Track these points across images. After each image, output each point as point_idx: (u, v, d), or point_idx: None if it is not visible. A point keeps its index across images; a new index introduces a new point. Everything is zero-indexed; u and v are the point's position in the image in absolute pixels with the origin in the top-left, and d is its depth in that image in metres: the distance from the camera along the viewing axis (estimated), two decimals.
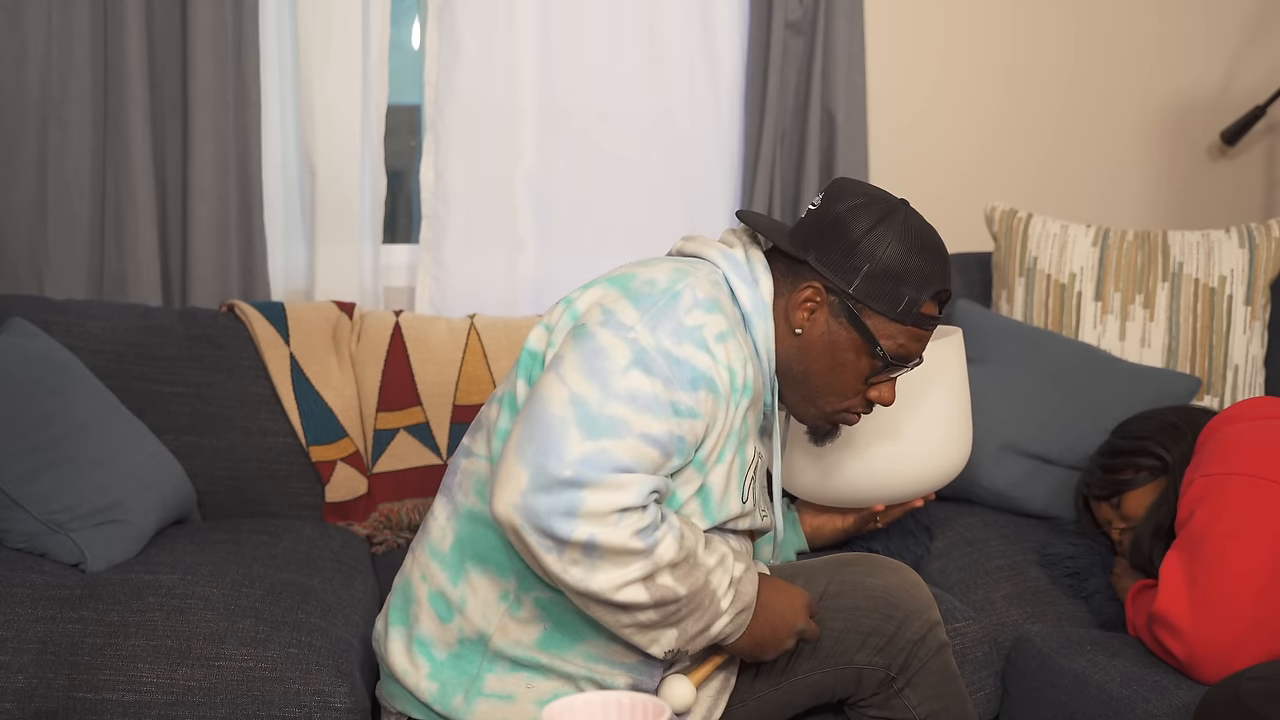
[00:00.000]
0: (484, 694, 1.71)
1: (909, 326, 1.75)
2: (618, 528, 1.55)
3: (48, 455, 2.08)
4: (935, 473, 1.98)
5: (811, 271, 1.75)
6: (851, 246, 1.73)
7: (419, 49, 3.07)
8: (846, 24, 2.99)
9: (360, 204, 2.86)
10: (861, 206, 1.75)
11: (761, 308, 1.75)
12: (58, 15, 2.66)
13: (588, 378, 1.59)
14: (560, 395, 1.58)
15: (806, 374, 1.77)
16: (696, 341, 1.63)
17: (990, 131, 3.24)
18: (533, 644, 1.71)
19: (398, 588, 1.82)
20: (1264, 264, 2.70)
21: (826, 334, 1.76)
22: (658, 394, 1.60)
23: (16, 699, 1.80)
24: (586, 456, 1.55)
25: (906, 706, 1.86)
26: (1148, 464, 2.17)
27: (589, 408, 1.57)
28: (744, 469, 1.74)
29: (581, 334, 1.64)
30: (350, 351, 2.59)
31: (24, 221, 2.69)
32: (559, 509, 1.53)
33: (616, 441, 1.56)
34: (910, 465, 1.95)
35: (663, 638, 1.65)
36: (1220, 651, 1.85)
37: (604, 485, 1.54)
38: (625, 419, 1.57)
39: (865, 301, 1.73)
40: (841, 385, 1.77)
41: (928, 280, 1.74)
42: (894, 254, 1.72)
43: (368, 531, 2.49)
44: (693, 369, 1.62)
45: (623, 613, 1.60)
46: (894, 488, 1.97)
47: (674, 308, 1.65)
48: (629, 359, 1.60)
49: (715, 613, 1.67)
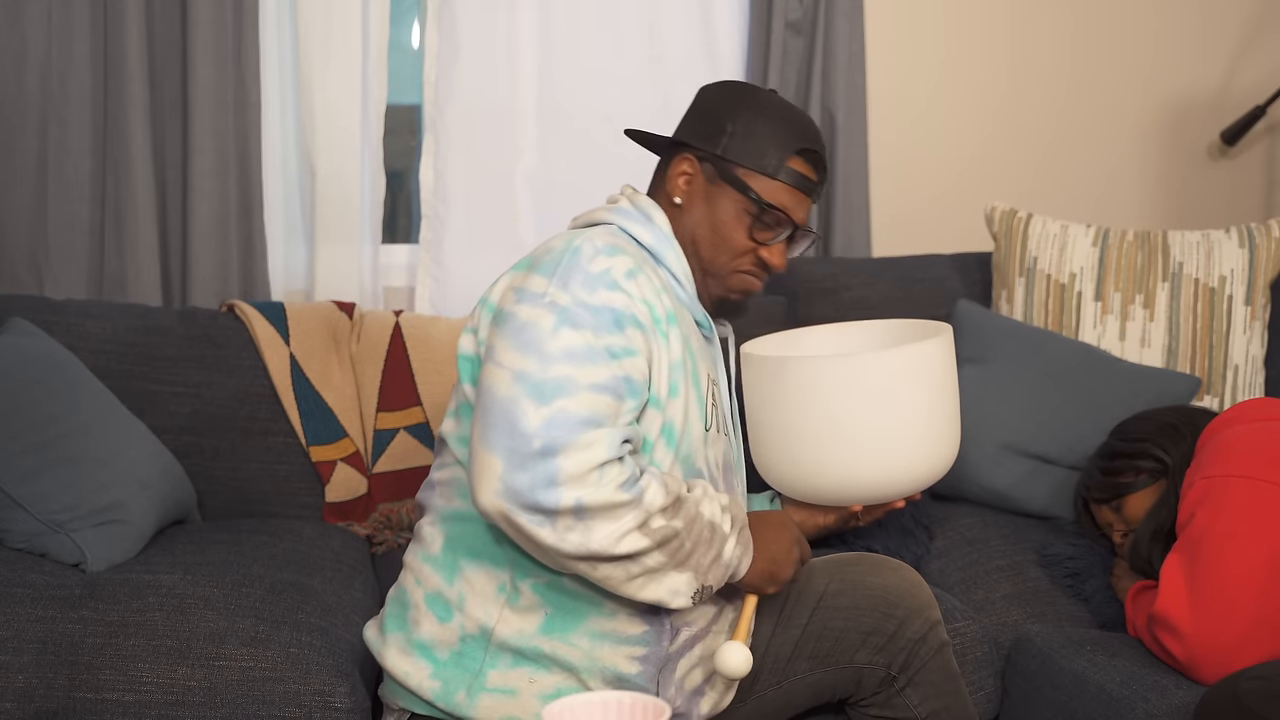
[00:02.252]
0: (487, 689, 1.71)
1: (780, 182, 1.84)
2: (601, 485, 1.57)
3: (48, 455, 2.08)
4: (916, 475, 1.95)
5: (684, 149, 1.87)
6: (715, 118, 1.86)
7: (419, 49, 3.07)
8: (846, 24, 2.99)
9: (360, 204, 2.87)
10: (724, 88, 1.89)
11: (663, 237, 1.83)
12: (58, 15, 2.66)
13: (523, 352, 1.63)
14: (503, 377, 1.62)
15: (695, 240, 1.86)
16: (608, 284, 1.68)
17: (990, 131, 3.24)
18: (535, 632, 1.71)
19: (392, 598, 1.82)
20: (1264, 264, 2.70)
21: (704, 197, 1.85)
22: (590, 344, 1.64)
23: (16, 699, 1.80)
24: (548, 420, 1.57)
25: (907, 706, 1.86)
26: (1147, 466, 2.17)
27: (533, 378, 1.60)
28: (701, 397, 1.77)
29: (502, 318, 1.69)
30: (350, 351, 2.59)
31: (24, 221, 2.70)
32: (540, 481, 1.56)
33: (570, 399, 1.59)
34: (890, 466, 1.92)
35: (680, 582, 1.65)
36: (1219, 652, 1.85)
37: (574, 446, 1.57)
38: (570, 375, 1.61)
39: (735, 160, 1.84)
40: (728, 242, 1.85)
41: (791, 136, 1.85)
42: (756, 115, 1.84)
43: (368, 531, 2.49)
44: (612, 310, 1.67)
45: (631, 563, 1.61)
46: (873, 488, 1.94)
47: (577, 261, 1.69)
48: (553, 321, 1.64)
49: (721, 537, 1.68)
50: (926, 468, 1.95)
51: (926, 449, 1.93)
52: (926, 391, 1.91)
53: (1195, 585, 1.88)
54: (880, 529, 2.34)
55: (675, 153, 1.88)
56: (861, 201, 3.06)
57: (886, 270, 2.88)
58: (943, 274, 2.89)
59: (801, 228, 1.88)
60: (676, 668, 1.75)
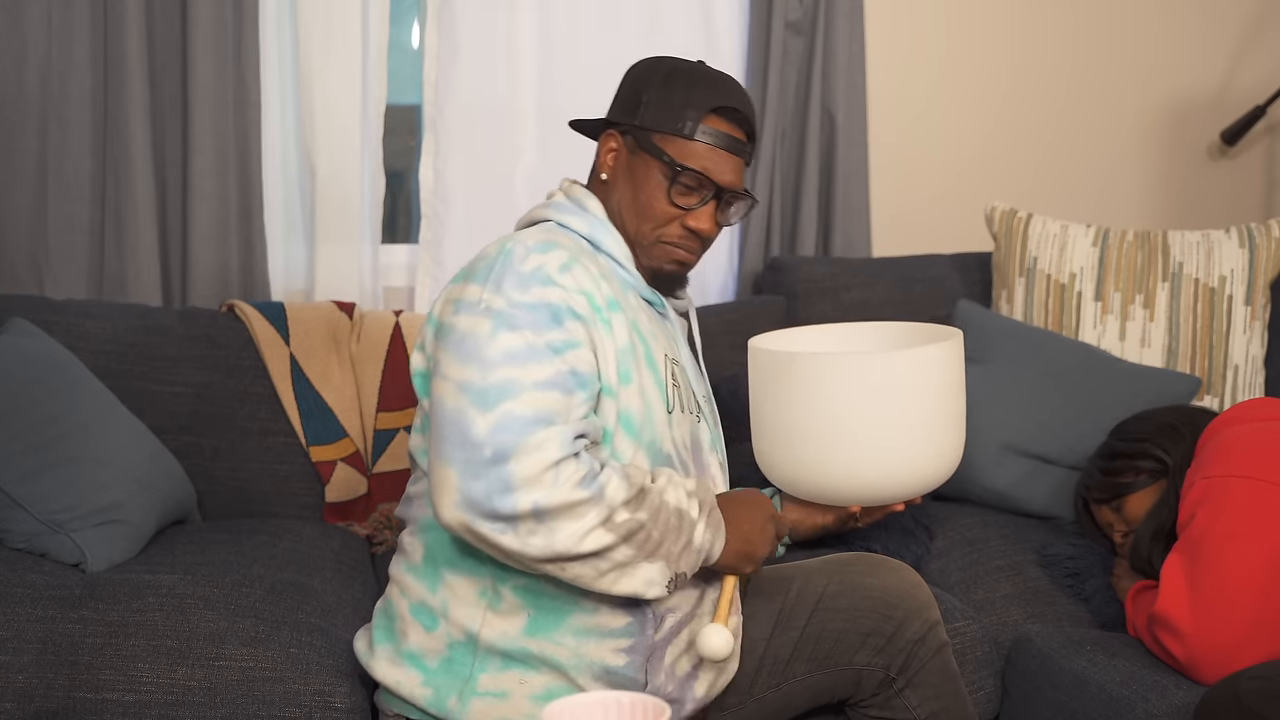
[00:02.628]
0: (478, 693, 1.71)
1: (699, 143, 1.82)
2: (557, 485, 1.57)
3: (48, 455, 2.08)
4: (918, 479, 1.94)
5: (609, 127, 1.88)
6: (632, 90, 1.86)
7: (419, 49, 3.07)
8: (846, 24, 2.99)
9: (360, 204, 2.86)
10: (643, 63, 1.90)
11: (597, 223, 1.83)
12: (58, 15, 2.66)
13: (464, 362, 1.63)
14: (449, 390, 1.63)
15: (621, 212, 1.86)
16: (541, 280, 1.69)
17: (990, 131, 3.24)
18: (520, 633, 1.71)
19: (379, 610, 1.83)
20: (1264, 264, 2.70)
21: (628, 169, 1.85)
22: (530, 343, 1.64)
23: (16, 699, 1.80)
24: (495, 425, 1.58)
25: (906, 707, 1.86)
26: (1147, 466, 2.17)
27: (476, 385, 1.61)
28: (660, 379, 1.77)
29: (443, 331, 1.70)
30: (350, 351, 2.59)
31: (24, 221, 2.69)
32: (495, 488, 1.56)
33: (514, 401, 1.60)
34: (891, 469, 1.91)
35: (653, 572, 1.66)
36: (1220, 653, 1.85)
37: (524, 448, 1.57)
38: (512, 378, 1.61)
39: (651, 127, 1.83)
40: (650, 211, 1.84)
41: (705, 95, 1.83)
42: (670, 82, 1.84)
43: (368, 531, 2.49)
44: (549, 306, 1.67)
45: (599, 559, 1.61)
46: (874, 489, 1.93)
47: (509, 264, 1.70)
48: (490, 326, 1.65)
49: (689, 523, 1.68)
50: (928, 472, 1.94)
51: (929, 453, 1.92)
52: (932, 396, 1.91)
53: (1195, 585, 1.88)
54: (880, 529, 2.34)
55: (603, 131, 1.89)
56: (861, 201, 3.06)
57: (886, 270, 2.88)
58: (943, 274, 2.89)
59: (728, 190, 1.85)
60: (664, 655, 1.75)
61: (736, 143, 1.85)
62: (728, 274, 3.07)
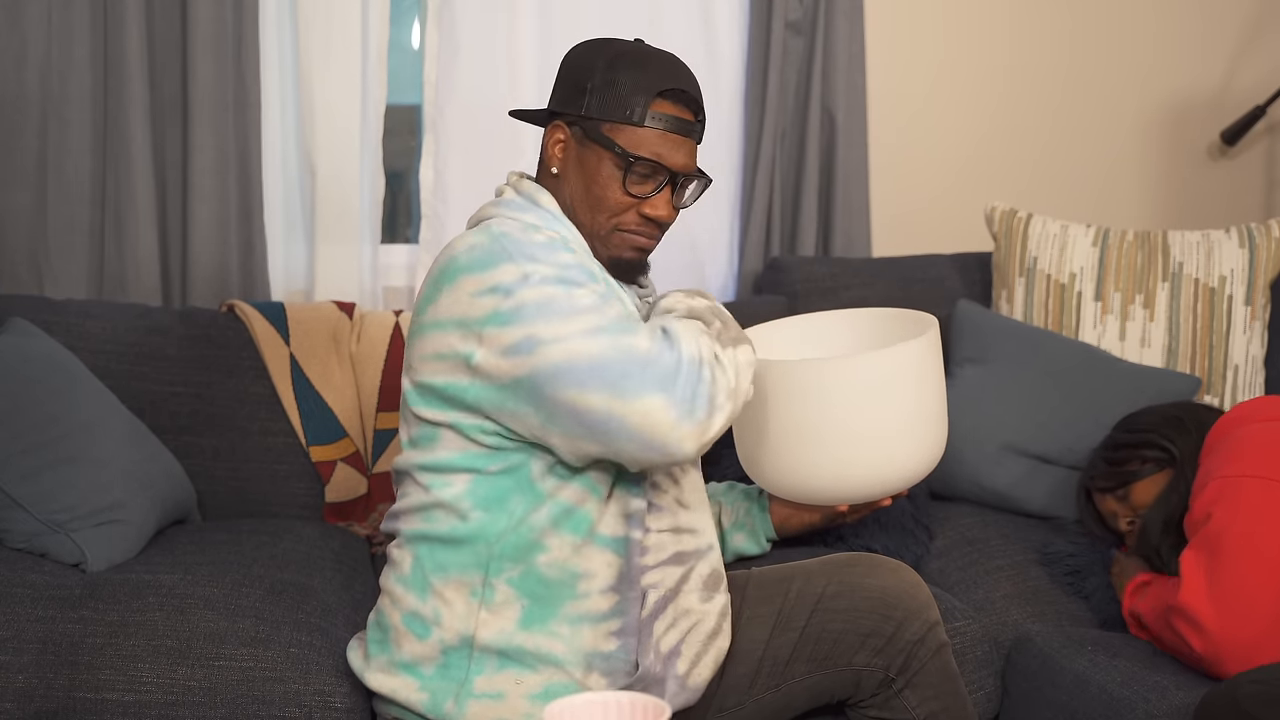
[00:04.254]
0: (474, 695, 1.72)
1: (649, 128, 1.80)
2: (699, 342, 1.65)
3: (48, 455, 2.08)
4: (901, 474, 1.94)
5: (554, 118, 1.85)
6: (574, 80, 1.83)
7: (419, 49, 3.07)
8: (846, 24, 2.99)
9: (360, 204, 2.86)
10: (581, 48, 1.86)
11: (551, 219, 1.82)
12: (58, 15, 2.66)
13: (571, 317, 1.65)
14: (577, 344, 1.63)
15: (574, 206, 1.84)
16: (558, 246, 1.72)
17: (990, 131, 3.24)
18: (515, 628, 1.72)
19: (372, 622, 1.83)
20: (1264, 264, 2.70)
21: (577, 161, 1.83)
22: (597, 293, 1.69)
23: (16, 699, 1.81)
24: (648, 339, 1.63)
25: (906, 707, 1.86)
26: (1153, 455, 2.19)
27: (602, 323, 1.64)
28: None
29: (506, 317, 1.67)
30: (350, 351, 2.59)
31: (24, 221, 2.69)
32: (693, 379, 1.61)
33: (633, 320, 1.66)
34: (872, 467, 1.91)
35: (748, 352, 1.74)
36: (1241, 648, 1.85)
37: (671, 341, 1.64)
38: (615, 313, 1.66)
39: (599, 117, 1.80)
40: (605, 202, 1.82)
41: (651, 79, 1.80)
42: (613, 68, 1.80)
43: (368, 531, 2.49)
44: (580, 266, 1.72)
45: (721, 347, 1.69)
46: (858, 489, 1.93)
47: (519, 241, 1.71)
48: (562, 289, 1.67)
49: (711, 313, 1.77)
50: (912, 466, 1.94)
51: (911, 448, 1.92)
52: (910, 391, 1.90)
53: (1216, 581, 1.88)
54: (880, 529, 2.34)
55: (549, 123, 1.85)
56: (861, 201, 3.06)
57: (886, 270, 2.88)
58: (943, 274, 2.89)
59: (681, 173, 1.84)
60: (652, 631, 1.75)
61: (686, 124, 1.82)
62: (728, 274, 3.07)
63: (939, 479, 2.52)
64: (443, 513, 1.75)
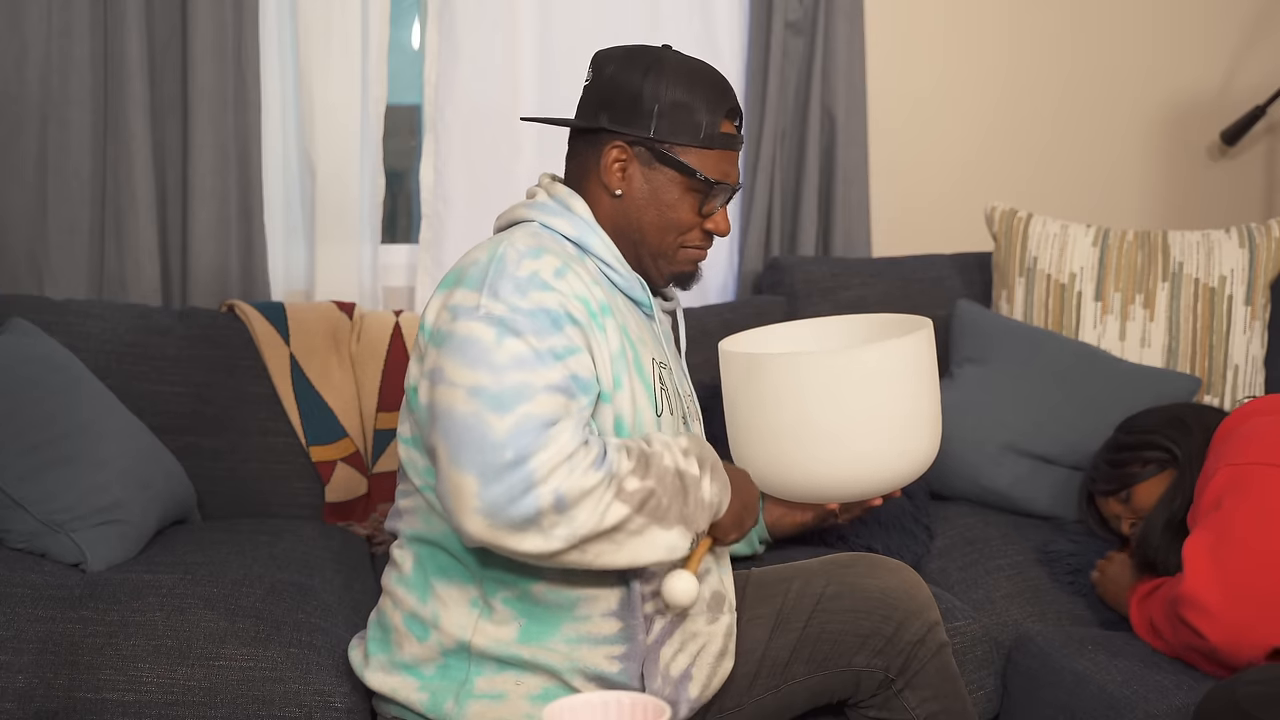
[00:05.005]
0: (474, 695, 1.71)
1: (716, 150, 1.81)
2: (573, 472, 1.57)
3: (48, 455, 2.08)
4: (894, 473, 1.93)
5: (610, 135, 1.81)
6: (636, 98, 1.79)
7: (419, 49, 3.07)
8: (846, 24, 2.99)
9: (360, 204, 2.86)
10: (628, 61, 1.82)
11: (585, 226, 1.80)
12: (58, 15, 2.66)
13: (473, 368, 1.62)
14: (458, 396, 1.61)
15: (641, 229, 1.82)
16: (538, 285, 1.67)
17: (990, 131, 3.24)
18: (513, 640, 1.71)
19: (373, 622, 1.83)
20: (1264, 264, 2.70)
21: (645, 184, 1.81)
22: (535, 348, 1.63)
23: (16, 699, 1.80)
24: (514, 428, 1.57)
25: (906, 708, 1.86)
26: (1155, 456, 2.19)
27: (490, 390, 1.60)
28: (648, 383, 1.77)
29: (441, 338, 1.67)
30: (350, 351, 2.59)
31: (24, 221, 2.69)
32: (518, 489, 1.55)
33: (530, 404, 1.59)
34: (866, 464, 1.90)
35: (673, 538, 1.65)
36: (1253, 632, 1.84)
37: (544, 447, 1.57)
38: (525, 381, 1.60)
39: (669, 139, 1.79)
40: (677, 224, 1.82)
41: (715, 101, 1.80)
42: (676, 89, 1.79)
43: (368, 531, 2.49)
44: (547, 312, 1.66)
45: (618, 533, 1.61)
46: (851, 486, 1.92)
47: (504, 269, 1.68)
48: (494, 333, 1.63)
49: (693, 481, 1.68)
50: (904, 465, 1.93)
51: (904, 447, 1.91)
52: (904, 389, 1.89)
53: (1223, 566, 1.87)
54: (880, 529, 2.34)
55: (602, 140, 1.82)
56: (861, 201, 3.06)
57: (886, 270, 2.88)
58: (943, 274, 2.89)
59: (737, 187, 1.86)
60: (659, 657, 1.74)
61: (741, 140, 1.86)
62: (728, 274, 3.07)
63: (939, 479, 2.52)
64: (439, 520, 1.75)
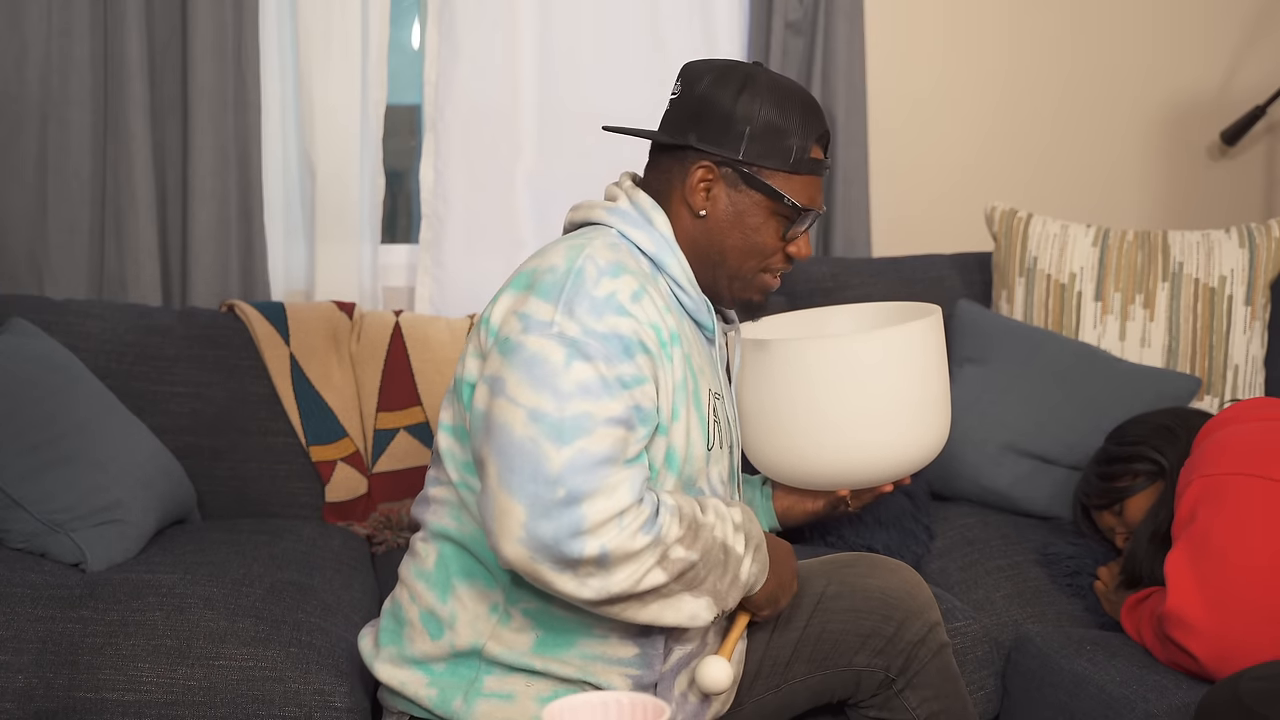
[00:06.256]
0: (484, 694, 1.71)
1: (804, 175, 1.76)
2: (622, 531, 1.54)
3: (48, 455, 2.08)
4: (906, 458, 1.93)
5: (697, 154, 1.75)
6: (727, 117, 1.74)
7: (419, 49, 3.07)
8: (846, 24, 2.99)
9: (360, 204, 2.87)
10: (721, 79, 1.76)
11: (664, 242, 1.76)
12: (58, 15, 2.66)
13: (536, 389, 1.58)
14: (518, 417, 1.57)
15: (723, 251, 1.77)
16: (615, 309, 1.63)
17: (990, 131, 3.24)
18: (527, 650, 1.70)
19: (387, 611, 1.81)
20: (1264, 264, 2.70)
21: (730, 206, 1.76)
22: (604, 376, 1.59)
23: (16, 699, 1.80)
24: (569, 463, 1.54)
25: (906, 708, 1.86)
26: (1144, 469, 2.18)
27: (551, 417, 1.56)
28: (703, 416, 1.73)
29: (509, 347, 1.63)
30: (350, 351, 2.59)
31: (24, 221, 2.69)
32: (565, 531, 1.52)
33: (588, 438, 1.56)
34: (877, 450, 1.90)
35: (698, 607, 1.64)
36: (1240, 646, 1.84)
37: (599, 493, 1.54)
38: (587, 412, 1.57)
39: (758, 163, 1.74)
40: (761, 248, 1.77)
41: (807, 126, 1.76)
42: (768, 111, 1.74)
43: (368, 531, 2.49)
44: (621, 339, 1.62)
45: (649, 595, 1.60)
46: (861, 472, 1.92)
47: (582, 285, 1.64)
48: (564, 355, 1.59)
49: (735, 559, 1.66)
50: (915, 451, 1.93)
51: (914, 432, 1.92)
52: (913, 374, 1.90)
53: (1205, 580, 1.87)
54: (880, 528, 2.34)
55: (688, 158, 1.76)
56: (861, 201, 3.06)
57: (886, 270, 2.88)
58: (943, 274, 2.89)
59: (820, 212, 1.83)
60: (673, 685, 1.75)
61: (828, 165, 1.81)
62: None
63: (939, 479, 2.52)
64: (470, 519, 1.72)
